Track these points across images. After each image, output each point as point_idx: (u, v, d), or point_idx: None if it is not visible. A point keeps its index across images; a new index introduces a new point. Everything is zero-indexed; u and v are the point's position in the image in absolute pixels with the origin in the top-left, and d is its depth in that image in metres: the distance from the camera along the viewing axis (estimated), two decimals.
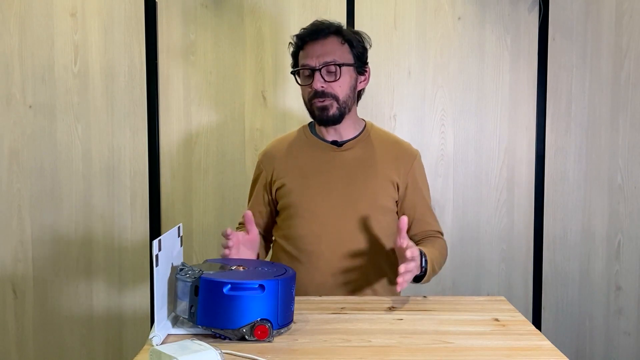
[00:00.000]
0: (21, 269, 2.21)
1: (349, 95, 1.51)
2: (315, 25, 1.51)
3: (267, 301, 1.07)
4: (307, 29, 1.51)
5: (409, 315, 1.24)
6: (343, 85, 1.49)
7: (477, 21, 2.18)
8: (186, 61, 2.18)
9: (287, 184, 1.55)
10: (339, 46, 1.49)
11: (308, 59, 1.48)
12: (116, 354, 2.22)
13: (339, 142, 1.56)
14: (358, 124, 1.59)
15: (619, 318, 2.23)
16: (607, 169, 2.20)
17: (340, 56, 1.48)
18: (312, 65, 1.47)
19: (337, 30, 1.50)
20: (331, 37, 1.49)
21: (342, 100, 1.49)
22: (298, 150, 1.59)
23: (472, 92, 2.19)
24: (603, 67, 2.18)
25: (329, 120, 1.50)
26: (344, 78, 1.49)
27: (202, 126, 2.19)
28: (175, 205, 2.21)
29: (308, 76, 1.50)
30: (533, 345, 1.07)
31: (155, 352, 0.93)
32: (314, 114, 1.52)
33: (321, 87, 1.47)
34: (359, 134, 1.57)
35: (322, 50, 1.47)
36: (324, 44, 1.48)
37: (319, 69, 1.46)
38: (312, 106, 1.51)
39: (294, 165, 1.57)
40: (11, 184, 2.19)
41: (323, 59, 1.47)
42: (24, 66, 2.17)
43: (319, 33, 1.49)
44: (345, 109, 1.51)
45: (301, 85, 1.52)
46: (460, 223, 2.22)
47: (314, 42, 1.49)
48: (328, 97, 1.47)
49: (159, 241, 1.06)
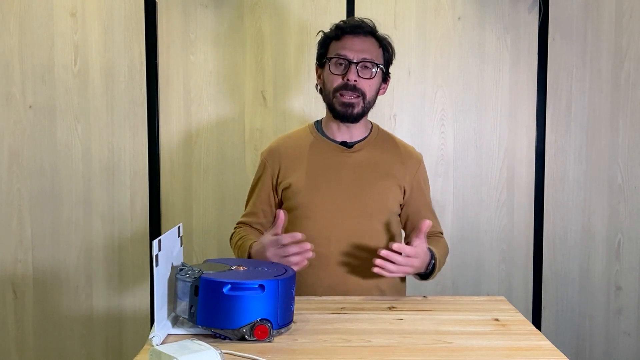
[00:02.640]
0: (21, 269, 2.21)
1: (374, 98, 1.54)
2: (357, 21, 1.52)
3: (267, 301, 1.07)
4: (348, 22, 1.53)
5: (409, 315, 1.24)
6: (372, 86, 1.51)
7: (477, 21, 2.18)
8: (186, 61, 2.18)
9: (294, 184, 1.54)
10: (376, 48, 1.52)
11: (346, 50, 1.49)
12: (116, 354, 2.22)
13: (349, 143, 1.56)
14: (366, 125, 1.60)
15: (619, 318, 2.23)
16: (607, 169, 2.20)
17: (377, 57, 1.51)
18: (350, 57, 1.48)
19: (375, 32, 1.53)
20: (370, 37, 1.52)
21: (367, 100, 1.51)
22: (306, 149, 1.57)
23: (472, 92, 2.19)
24: (603, 67, 2.18)
25: (350, 117, 1.51)
26: (376, 79, 1.51)
27: (202, 126, 2.19)
28: (175, 205, 2.21)
29: (341, 66, 1.50)
30: (533, 345, 1.07)
31: (155, 352, 0.93)
32: (333, 108, 1.52)
33: (354, 80, 1.47)
34: (367, 136, 1.58)
35: (362, 46, 1.49)
36: (365, 40, 1.50)
37: (357, 62, 1.47)
38: (336, 99, 1.50)
39: (301, 165, 1.55)
40: (11, 184, 2.19)
41: (362, 54, 1.48)
42: (24, 66, 2.17)
43: (361, 29, 1.50)
44: (368, 110, 1.53)
45: (332, 73, 1.51)
46: (460, 223, 2.22)
47: (355, 36, 1.50)
48: (357, 92, 1.48)
49: (159, 241, 1.06)
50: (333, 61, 1.50)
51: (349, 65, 1.48)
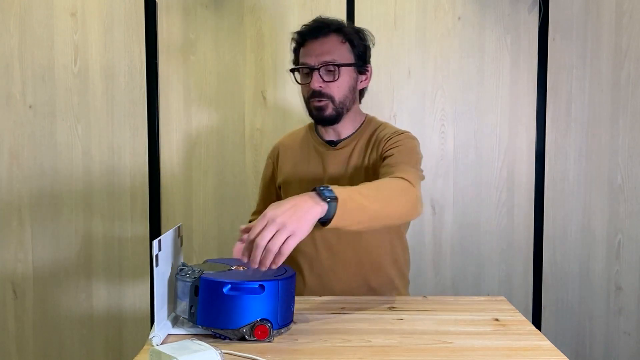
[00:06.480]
0: (21, 269, 2.21)
1: (347, 96, 1.47)
2: (317, 22, 1.47)
3: (267, 301, 1.07)
4: (308, 26, 1.47)
5: (409, 315, 1.24)
6: (341, 86, 1.45)
7: (477, 21, 2.18)
8: (186, 61, 2.18)
9: (285, 182, 1.56)
10: (339, 45, 1.45)
11: (307, 57, 1.45)
12: (116, 354, 2.22)
13: (335, 141, 1.53)
14: (357, 121, 1.54)
15: (619, 318, 2.23)
16: (607, 169, 2.20)
17: (340, 56, 1.45)
18: (311, 64, 1.44)
19: (338, 28, 1.46)
20: (332, 36, 1.45)
21: (338, 101, 1.45)
22: (298, 148, 1.58)
23: (472, 92, 2.19)
24: (603, 67, 2.18)
25: (325, 120, 1.48)
26: (343, 78, 1.45)
27: (202, 126, 2.19)
28: (175, 205, 2.21)
29: (307, 74, 1.47)
30: (533, 345, 1.07)
31: (155, 352, 0.93)
32: (311, 113, 1.50)
33: (319, 87, 1.43)
34: (354, 132, 1.53)
35: (322, 49, 1.44)
36: (324, 42, 1.44)
37: (318, 68, 1.43)
38: (310, 105, 1.48)
39: (292, 164, 1.57)
40: (11, 184, 2.19)
41: (322, 58, 1.43)
42: (24, 66, 2.17)
43: (320, 31, 1.45)
44: (343, 110, 1.47)
45: (299, 83, 1.50)
46: (460, 223, 2.22)
47: (314, 40, 1.45)
48: (324, 97, 1.45)
49: (159, 241, 1.06)
50: (299, 71, 1.49)
51: (312, 72, 1.44)
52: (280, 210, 1.00)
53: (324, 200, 1.04)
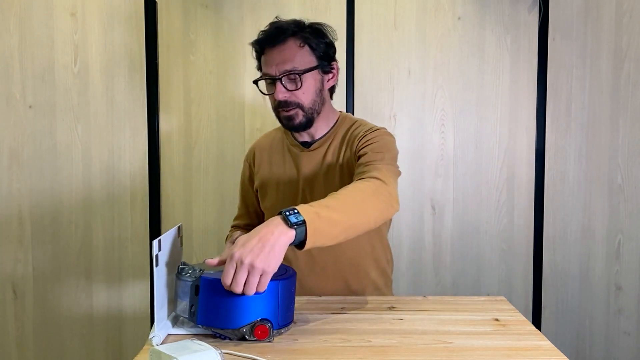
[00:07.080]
0: (21, 269, 2.21)
1: (315, 100, 1.41)
2: (272, 27, 1.40)
3: (267, 301, 1.07)
4: (265, 33, 1.40)
5: (409, 315, 1.24)
6: (307, 92, 1.39)
7: (477, 21, 2.18)
8: (186, 61, 2.18)
9: (261, 186, 1.54)
10: (298, 50, 1.38)
11: (268, 67, 1.39)
12: (116, 354, 2.22)
13: (309, 142, 1.50)
14: (331, 119, 1.50)
15: (619, 318, 2.23)
16: (607, 169, 2.20)
17: (300, 62, 1.38)
18: (272, 74, 1.38)
19: (294, 32, 1.39)
20: (289, 41, 1.38)
21: (307, 107, 1.40)
22: (273, 150, 1.55)
23: (472, 92, 2.19)
24: (603, 67, 2.18)
25: (296, 129, 1.44)
26: (307, 84, 1.39)
27: (202, 126, 2.19)
28: (175, 205, 2.21)
29: (271, 84, 1.41)
30: (533, 345, 1.07)
31: (155, 352, 0.93)
32: (282, 122, 1.45)
33: (283, 97, 1.38)
34: (328, 131, 1.49)
35: (281, 57, 1.37)
36: (282, 49, 1.38)
37: (279, 78, 1.37)
38: (279, 115, 1.44)
39: (268, 166, 1.54)
40: (11, 184, 2.19)
41: (283, 67, 1.37)
42: (24, 66, 2.17)
43: (277, 38, 1.38)
44: (313, 114, 1.42)
45: (265, 94, 1.45)
46: (460, 223, 2.22)
47: (272, 48, 1.38)
48: (292, 106, 1.39)
49: (159, 241, 1.06)
50: (263, 81, 1.44)
51: (274, 82, 1.38)
52: (247, 250, 1.00)
53: (291, 227, 1.02)
